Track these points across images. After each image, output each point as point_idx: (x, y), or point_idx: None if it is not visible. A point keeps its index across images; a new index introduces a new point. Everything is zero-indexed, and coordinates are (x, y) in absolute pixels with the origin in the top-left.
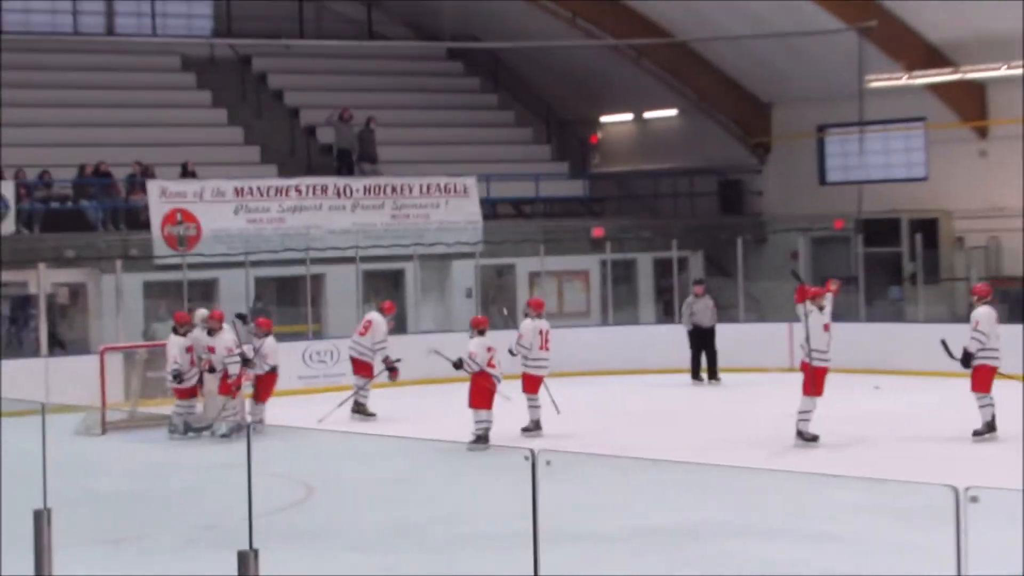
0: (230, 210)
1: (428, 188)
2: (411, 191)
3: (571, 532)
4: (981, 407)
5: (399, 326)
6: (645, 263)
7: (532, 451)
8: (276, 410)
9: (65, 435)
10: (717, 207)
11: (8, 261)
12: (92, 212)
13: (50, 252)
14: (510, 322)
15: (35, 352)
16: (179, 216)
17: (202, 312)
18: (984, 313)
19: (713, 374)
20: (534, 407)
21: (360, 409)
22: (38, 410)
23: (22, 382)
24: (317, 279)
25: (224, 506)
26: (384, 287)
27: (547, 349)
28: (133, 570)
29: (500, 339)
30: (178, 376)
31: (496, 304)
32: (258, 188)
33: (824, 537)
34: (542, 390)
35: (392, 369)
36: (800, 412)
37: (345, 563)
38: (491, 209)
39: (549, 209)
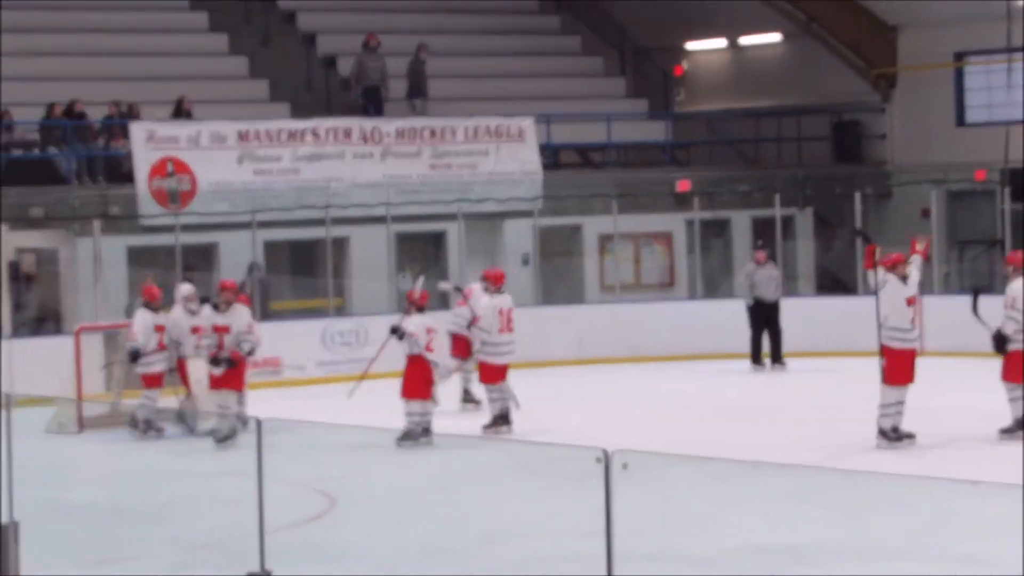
0: (232, 159)
1: (475, 131)
2: (454, 135)
3: (649, 551)
4: (1011, 400)
5: (441, 301)
6: (741, 223)
7: (605, 452)
8: (290, 402)
9: (33, 433)
10: (830, 154)
11: None
12: (63, 162)
13: (13, 210)
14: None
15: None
16: (170, 166)
17: (187, 288)
18: (1021, 288)
19: (777, 357)
20: (495, 400)
21: (469, 397)
22: (1, 402)
23: None
24: (339, 243)
25: (225, 521)
26: (421, 253)
27: (510, 331)
28: None
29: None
30: (135, 355)
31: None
32: (266, 132)
33: (964, 559)
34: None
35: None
36: (881, 406)
37: None
38: (552, 157)
39: (624, 157)
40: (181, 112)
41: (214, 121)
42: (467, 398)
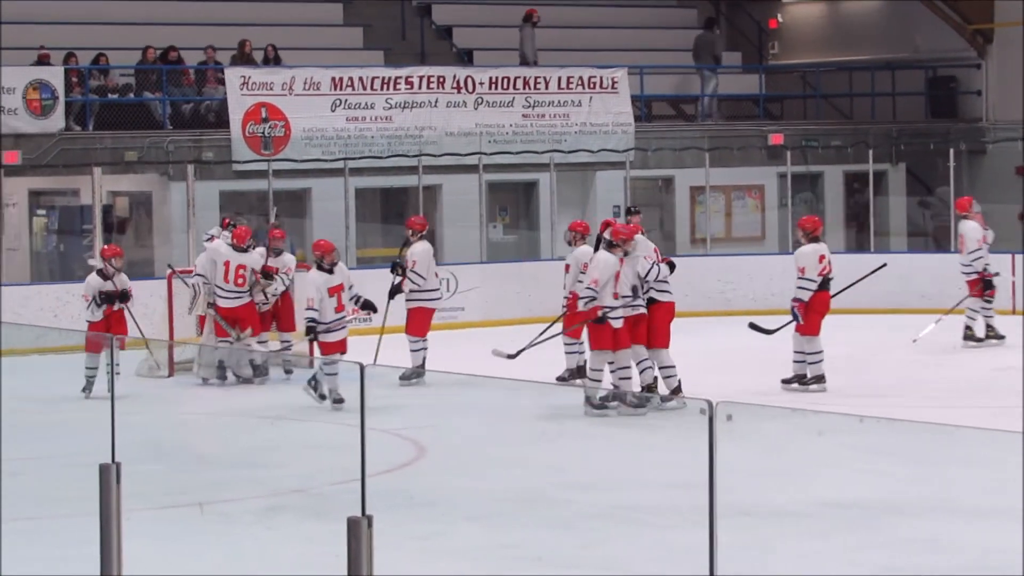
0: (326, 105)
1: (568, 82)
2: (547, 85)
3: (746, 505)
4: (413, 351)
5: (531, 251)
6: (834, 177)
7: (710, 403)
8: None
9: (124, 376)
10: (925, 110)
11: (56, 164)
12: (158, 106)
13: (107, 154)
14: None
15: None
16: (264, 112)
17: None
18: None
19: None
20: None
21: (971, 335)
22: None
23: (73, 311)
24: (431, 191)
25: (317, 467)
26: (512, 202)
27: None
28: (213, 539)
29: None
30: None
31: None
32: (360, 79)
33: None
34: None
35: (988, 286)
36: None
37: (462, 538)
38: (645, 109)
39: (717, 109)
40: (269, 59)
41: (308, 67)
42: (968, 336)
